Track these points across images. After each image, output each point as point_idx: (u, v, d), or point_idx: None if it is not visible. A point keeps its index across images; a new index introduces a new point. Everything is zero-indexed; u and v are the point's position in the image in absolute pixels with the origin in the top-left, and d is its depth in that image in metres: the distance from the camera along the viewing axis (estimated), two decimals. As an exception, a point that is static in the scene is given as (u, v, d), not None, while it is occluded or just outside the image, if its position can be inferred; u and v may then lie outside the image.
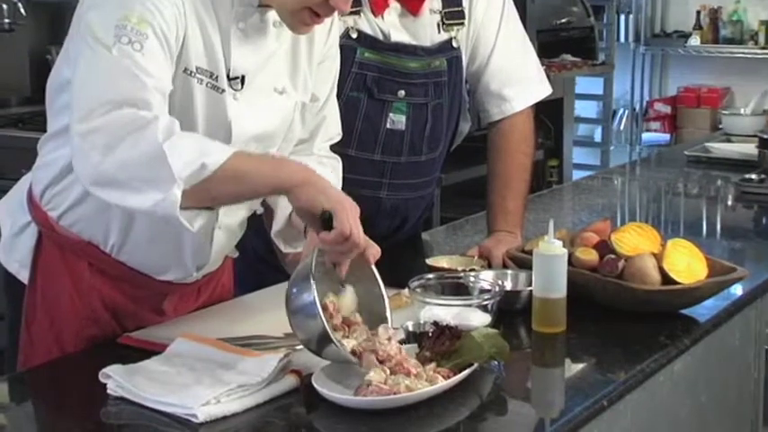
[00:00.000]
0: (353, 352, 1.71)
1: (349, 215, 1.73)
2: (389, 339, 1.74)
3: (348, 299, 1.80)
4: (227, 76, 1.87)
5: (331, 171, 2.11)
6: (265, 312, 1.94)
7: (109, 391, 1.67)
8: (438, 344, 1.72)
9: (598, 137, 7.04)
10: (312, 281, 1.70)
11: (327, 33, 2.07)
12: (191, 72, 1.83)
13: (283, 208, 2.00)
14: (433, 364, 1.70)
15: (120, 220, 1.93)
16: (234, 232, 2.06)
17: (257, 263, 2.35)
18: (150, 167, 1.69)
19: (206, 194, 1.74)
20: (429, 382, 1.65)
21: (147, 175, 1.69)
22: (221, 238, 2.00)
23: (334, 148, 2.18)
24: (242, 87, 1.89)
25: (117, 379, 1.67)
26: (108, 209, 1.91)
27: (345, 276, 1.81)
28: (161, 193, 1.68)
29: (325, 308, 1.74)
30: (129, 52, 1.72)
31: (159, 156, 1.68)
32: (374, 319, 1.81)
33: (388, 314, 1.81)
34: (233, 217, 2.01)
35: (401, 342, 1.82)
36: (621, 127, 7.38)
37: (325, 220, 1.73)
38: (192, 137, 1.77)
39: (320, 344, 1.70)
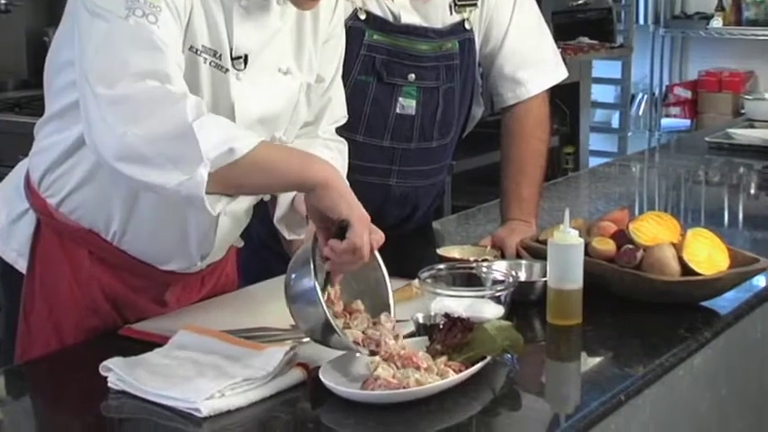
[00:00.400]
0: (356, 343, 1.72)
1: (365, 229, 1.73)
2: (396, 338, 1.74)
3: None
4: (231, 56, 1.87)
5: (338, 155, 2.11)
6: (271, 303, 1.95)
7: (110, 385, 1.68)
8: (449, 336, 1.72)
9: (615, 122, 7.03)
10: (311, 266, 1.70)
11: (332, 11, 2.07)
12: (196, 50, 1.83)
13: (286, 194, 2.00)
14: (444, 358, 1.70)
15: (122, 207, 1.93)
16: (239, 219, 2.06)
17: (261, 250, 2.36)
18: (178, 145, 1.69)
19: (231, 181, 1.74)
20: (440, 375, 1.66)
21: (173, 152, 1.69)
22: (226, 224, 2.00)
23: (342, 133, 2.19)
24: (245, 67, 1.89)
25: (118, 372, 1.68)
26: (109, 195, 1.91)
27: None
28: (186, 173, 1.68)
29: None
30: (145, 24, 1.72)
31: (188, 133, 1.68)
32: (377, 306, 1.81)
33: (390, 301, 1.81)
34: (239, 203, 2.01)
35: (410, 335, 1.82)
36: (640, 112, 7.37)
37: (342, 229, 1.73)
38: (220, 119, 1.77)
39: (323, 332, 1.70)
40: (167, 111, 1.70)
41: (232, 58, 1.87)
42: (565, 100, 5.61)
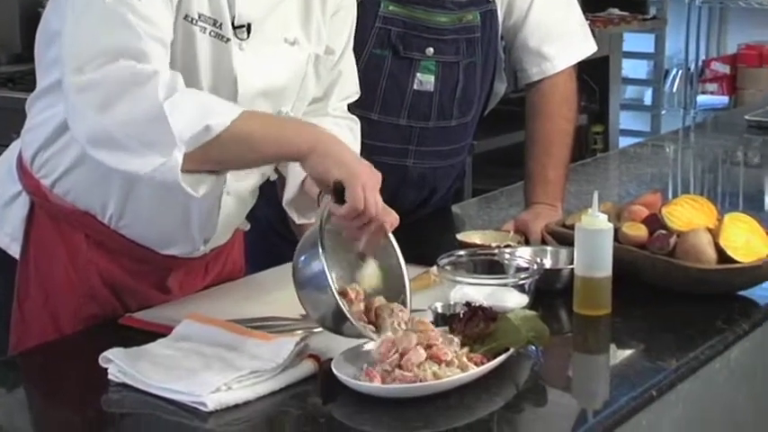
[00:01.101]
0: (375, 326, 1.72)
1: (366, 186, 1.73)
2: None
3: (370, 274, 1.80)
4: (232, 24, 1.88)
5: (348, 132, 2.12)
6: (280, 291, 1.95)
7: (110, 377, 1.69)
8: (470, 326, 1.73)
9: (648, 100, 7.01)
10: (320, 248, 1.70)
11: None
12: (192, 19, 1.84)
13: (295, 175, 2.01)
14: (464, 350, 1.70)
15: (119, 188, 1.94)
16: (244, 200, 2.07)
17: (270, 235, 2.37)
18: (150, 128, 1.71)
19: (211, 158, 1.76)
20: (460, 368, 1.66)
21: (146, 136, 1.72)
22: (230, 205, 2.01)
23: (356, 111, 2.19)
24: (248, 37, 1.90)
25: (119, 363, 1.69)
26: (106, 175, 1.92)
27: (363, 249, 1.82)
28: (161, 156, 1.71)
29: (344, 294, 1.75)
30: None
31: (159, 115, 1.70)
32: (392, 295, 1.82)
33: (406, 289, 1.81)
34: (243, 182, 2.02)
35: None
36: (674, 89, 7.34)
37: (338, 192, 1.74)
38: (195, 94, 1.79)
39: (335, 320, 1.71)
40: (137, 92, 1.71)
41: (234, 27, 1.88)
42: (593, 76, 5.59)
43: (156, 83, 1.71)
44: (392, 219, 1.79)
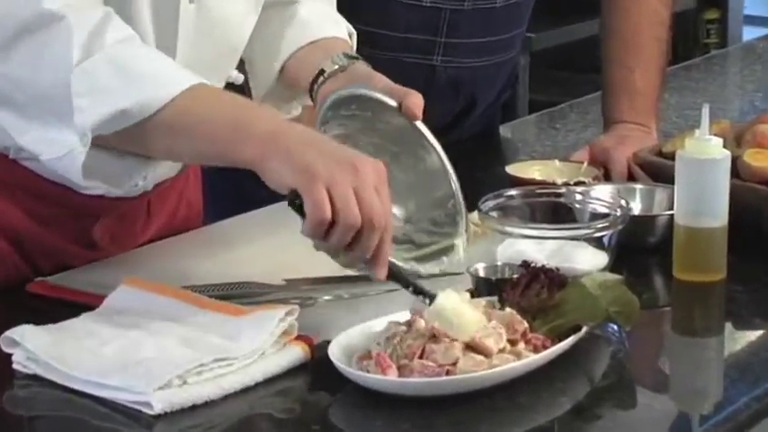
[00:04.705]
0: None
1: (335, 184, 1.69)
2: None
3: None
4: None
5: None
6: (255, 246, 1.98)
7: (15, 366, 1.71)
8: (528, 296, 1.74)
9: (783, -28, 7.00)
10: None
11: None
12: None
13: (268, 55, 2.07)
14: (520, 328, 1.73)
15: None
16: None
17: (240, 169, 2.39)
18: (50, 97, 1.77)
19: (133, 145, 1.82)
20: (512, 354, 1.67)
21: (45, 104, 1.78)
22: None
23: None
24: None
25: (27, 347, 1.71)
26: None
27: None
28: (62, 141, 1.76)
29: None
30: None
31: (62, 85, 1.74)
32: (433, 206, 1.88)
33: (458, 198, 1.85)
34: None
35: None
36: (822, -44, 7.32)
37: (296, 206, 1.73)
38: (124, 53, 1.79)
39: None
40: (42, 38, 1.75)
41: None
42: (704, -63, 5.60)
43: (69, 29, 1.75)
44: (415, 98, 1.81)
